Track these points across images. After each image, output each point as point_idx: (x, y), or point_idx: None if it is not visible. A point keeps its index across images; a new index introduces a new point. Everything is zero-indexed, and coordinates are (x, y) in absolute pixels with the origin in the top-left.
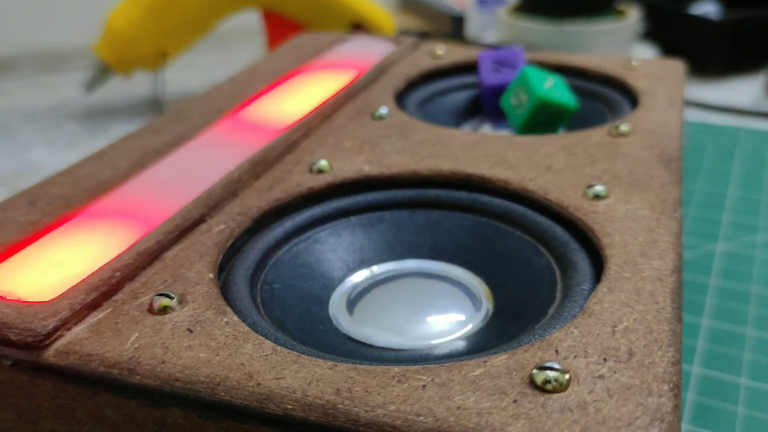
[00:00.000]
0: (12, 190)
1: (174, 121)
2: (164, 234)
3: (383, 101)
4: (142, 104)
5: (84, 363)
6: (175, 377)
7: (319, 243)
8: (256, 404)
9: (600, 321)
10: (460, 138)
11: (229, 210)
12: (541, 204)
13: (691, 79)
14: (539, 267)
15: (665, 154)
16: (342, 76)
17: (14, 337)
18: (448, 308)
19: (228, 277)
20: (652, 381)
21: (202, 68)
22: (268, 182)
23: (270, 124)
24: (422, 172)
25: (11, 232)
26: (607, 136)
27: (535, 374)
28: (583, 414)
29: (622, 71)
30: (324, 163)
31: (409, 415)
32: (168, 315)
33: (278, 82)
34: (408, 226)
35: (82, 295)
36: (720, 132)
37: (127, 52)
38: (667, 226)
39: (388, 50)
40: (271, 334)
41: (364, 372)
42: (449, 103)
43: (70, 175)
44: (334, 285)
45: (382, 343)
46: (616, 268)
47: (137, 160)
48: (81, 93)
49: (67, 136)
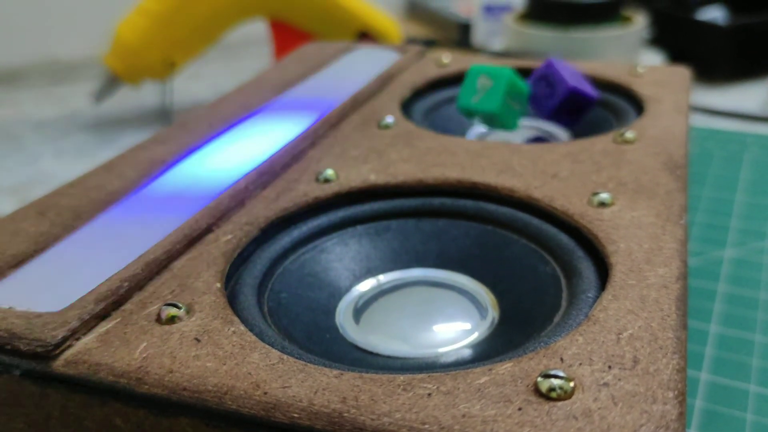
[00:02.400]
0: (22, 201)
1: (181, 132)
2: (172, 244)
3: (389, 110)
4: (150, 114)
5: (93, 373)
6: (183, 387)
7: (325, 252)
8: (262, 413)
9: (605, 328)
10: (466, 146)
11: (236, 220)
12: (546, 212)
13: (698, 85)
14: (545, 275)
15: (671, 161)
16: (348, 85)
17: (24, 347)
18: (454, 317)
19: (235, 286)
20: (657, 388)
21: (209, 78)
22: (275, 192)
23: (276, 134)
24: (428, 180)
25: (21, 242)
26: (612, 143)
27: (540, 382)
28: (587, 422)
29: (627, 78)
30: (330, 173)
31: (415, 423)
32: (176, 325)
33: (284, 91)
34: (414, 235)
35: (91, 305)
36: (727, 138)
37: (135, 63)
38: (673, 233)
39: (394, 59)
40: (277, 343)
41: (370, 380)
42: (455, 111)
43: (78, 186)
44: (340, 294)
45: (388, 351)
46: (621, 275)
47: (145, 170)
48: (90, 103)
49: (77, 146)
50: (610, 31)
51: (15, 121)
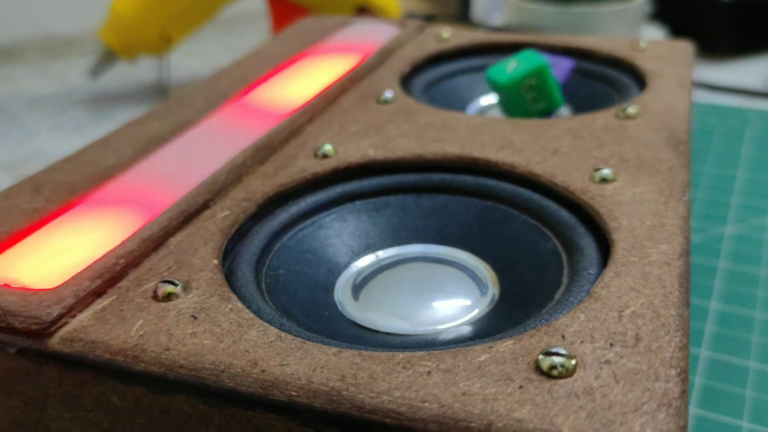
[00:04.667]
0: (19, 178)
1: (178, 107)
2: (168, 220)
3: (388, 85)
4: (147, 90)
5: (89, 350)
6: (180, 364)
7: (324, 228)
8: (260, 391)
9: (607, 306)
10: (466, 122)
11: (233, 196)
12: (547, 188)
13: (700, 60)
14: (545, 251)
15: (673, 137)
16: (347, 60)
17: (19, 324)
18: (453, 293)
19: (233, 263)
20: (660, 366)
21: (207, 53)
22: (273, 167)
23: (275, 109)
24: (428, 156)
25: (15, 219)
26: (614, 118)
27: (541, 360)
28: (589, 399)
29: (629, 53)
30: (329, 148)
31: (414, 402)
32: (172, 302)
33: (283, 66)
34: (413, 211)
35: (87, 282)
36: (729, 113)
37: (132, 38)
38: (675, 210)
39: (394, 33)
40: (275, 320)
41: (369, 358)
42: (455, 86)
43: (74, 162)
44: (339, 270)
45: (387, 328)
46: (623, 252)
47: (142, 146)
48: (86, 79)
49: (73, 122)
50: (611, 6)
51: (11, 97)
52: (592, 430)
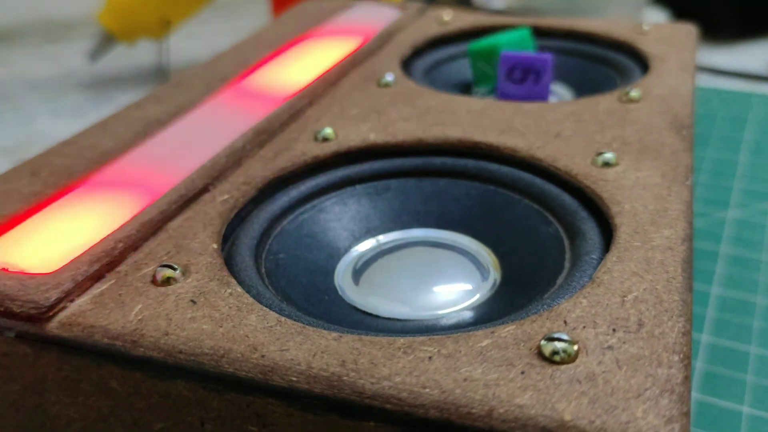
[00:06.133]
0: (18, 161)
1: (177, 90)
2: (167, 204)
3: (389, 68)
4: (146, 73)
5: (87, 335)
6: (179, 349)
7: (324, 212)
8: (260, 376)
9: (609, 291)
10: (468, 105)
11: (233, 179)
12: (549, 172)
13: (702, 44)
14: (547, 236)
15: (676, 121)
16: (347, 43)
17: (17, 309)
18: (455, 278)
19: (232, 247)
20: (662, 352)
21: (206, 37)
22: (273, 151)
23: (274, 92)
24: (429, 140)
25: (13, 203)
26: (617, 102)
27: (543, 345)
28: (591, 385)
29: (632, 36)
30: (329, 132)
31: (415, 387)
32: (171, 286)
33: (283, 49)
34: (414, 195)
35: (85, 266)
36: (732, 98)
37: (131, 21)
38: (678, 194)
39: (395, 16)
40: (275, 305)
41: (370, 343)
42: (456, 69)
43: (72, 146)
44: (339, 255)
45: (388, 313)
46: (625, 236)
47: (141, 129)
48: (85, 62)
49: (73, 105)
50: None
51: (10, 80)
52: (594, 416)
